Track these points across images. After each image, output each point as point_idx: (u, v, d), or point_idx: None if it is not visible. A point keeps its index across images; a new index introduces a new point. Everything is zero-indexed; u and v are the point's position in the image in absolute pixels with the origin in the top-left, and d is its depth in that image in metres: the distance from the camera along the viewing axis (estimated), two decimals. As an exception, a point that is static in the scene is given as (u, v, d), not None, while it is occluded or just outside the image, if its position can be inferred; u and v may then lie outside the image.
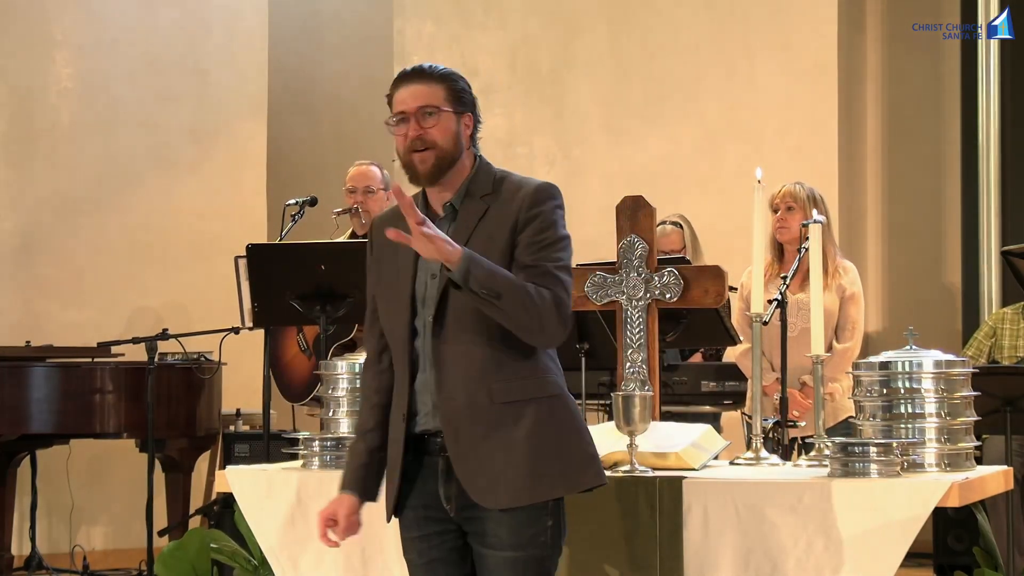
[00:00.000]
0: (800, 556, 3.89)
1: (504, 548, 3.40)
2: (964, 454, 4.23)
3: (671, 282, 4.59)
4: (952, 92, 8.84)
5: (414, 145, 3.47)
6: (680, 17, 8.95)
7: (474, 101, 3.55)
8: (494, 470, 3.39)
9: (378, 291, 3.59)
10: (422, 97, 3.48)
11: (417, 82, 3.50)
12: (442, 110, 3.47)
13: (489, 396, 3.40)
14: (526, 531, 3.40)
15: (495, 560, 3.42)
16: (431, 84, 3.49)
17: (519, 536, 3.40)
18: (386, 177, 7.05)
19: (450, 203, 3.49)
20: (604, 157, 8.96)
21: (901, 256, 8.98)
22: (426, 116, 3.47)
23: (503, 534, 3.40)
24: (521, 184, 3.49)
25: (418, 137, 3.46)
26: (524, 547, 3.41)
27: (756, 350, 4.59)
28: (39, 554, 7.96)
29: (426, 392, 3.46)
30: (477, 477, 3.40)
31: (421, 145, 3.46)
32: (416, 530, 3.53)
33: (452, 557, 3.50)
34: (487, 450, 3.39)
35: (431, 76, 3.50)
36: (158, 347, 7.32)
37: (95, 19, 8.81)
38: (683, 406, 6.71)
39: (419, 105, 3.47)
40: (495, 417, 3.40)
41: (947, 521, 6.97)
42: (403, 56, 9.51)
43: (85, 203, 8.71)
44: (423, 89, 3.49)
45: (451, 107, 3.48)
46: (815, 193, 6.15)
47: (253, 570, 5.42)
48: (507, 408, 3.40)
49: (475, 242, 3.40)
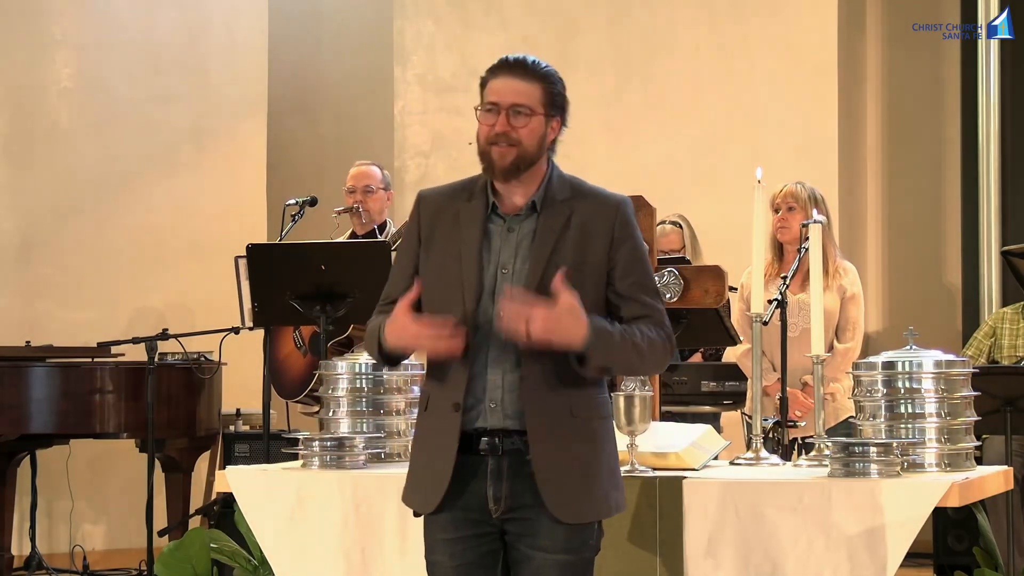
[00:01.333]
0: (800, 556, 3.89)
1: (557, 552, 3.40)
2: (964, 454, 4.23)
3: (671, 282, 4.59)
4: (952, 92, 8.84)
5: (497, 139, 3.41)
6: (680, 17, 8.95)
7: (565, 106, 3.50)
8: (572, 484, 3.39)
9: (427, 271, 3.49)
10: (518, 94, 3.43)
11: (517, 76, 3.44)
12: (535, 112, 3.43)
13: (569, 408, 3.40)
14: (579, 536, 3.42)
15: (546, 562, 3.40)
16: (531, 82, 3.44)
17: (572, 541, 3.40)
18: (386, 177, 7.06)
19: (532, 200, 3.45)
20: (604, 157, 8.96)
21: (901, 256, 8.98)
22: (517, 114, 3.42)
23: (558, 538, 3.39)
24: (601, 194, 3.50)
25: (504, 133, 3.41)
26: (578, 551, 3.42)
27: (756, 350, 4.59)
28: (39, 554, 7.95)
29: (490, 389, 3.40)
30: (557, 488, 3.38)
31: (505, 141, 3.41)
32: (452, 532, 3.45)
33: (486, 561, 3.46)
34: (567, 462, 3.39)
35: (533, 74, 3.45)
36: (158, 347, 7.31)
37: (95, 19, 8.81)
38: (683, 406, 6.71)
39: (513, 102, 3.42)
40: (573, 430, 3.40)
41: (947, 521, 6.98)
42: (403, 56, 9.51)
43: (85, 203, 8.71)
44: (521, 86, 3.43)
45: (544, 110, 3.44)
46: (816, 193, 6.16)
47: (253, 570, 5.42)
48: (584, 423, 3.42)
49: (565, 251, 3.39)
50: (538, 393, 3.38)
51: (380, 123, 9.64)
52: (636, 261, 3.45)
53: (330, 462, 4.40)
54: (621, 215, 3.45)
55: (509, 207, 3.47)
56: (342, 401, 4.65)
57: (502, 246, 3.44)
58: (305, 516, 4.31)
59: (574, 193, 3.47)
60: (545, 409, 3.38)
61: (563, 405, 3.39)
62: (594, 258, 3.41)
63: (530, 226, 3.43)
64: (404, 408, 4.65)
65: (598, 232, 3.42)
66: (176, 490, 7.72)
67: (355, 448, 4.42)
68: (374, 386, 4.63)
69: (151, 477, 7.19)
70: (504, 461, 3.41)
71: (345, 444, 4.42)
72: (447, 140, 9.19)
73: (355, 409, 4.63)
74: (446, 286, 3.44)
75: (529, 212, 3.45)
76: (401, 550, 4.17)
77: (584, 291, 3.36)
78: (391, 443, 4.61)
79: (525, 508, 3.40)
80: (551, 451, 3.38)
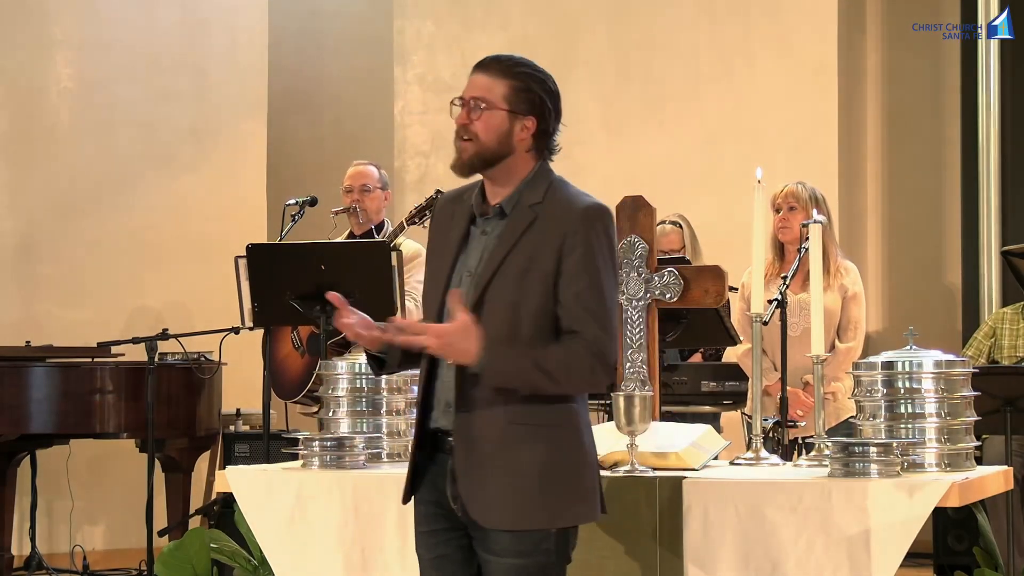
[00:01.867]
0: (800, 556, 3.89)
1: (507, 555, 3.38)
2: (964, 454, 4.23)
3: (671, 282, 4.59)
4: (952, 92, 8.84)
5: (459, 132, 3.46)
6: (680, 17, 8.95)
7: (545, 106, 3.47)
8: (496, 491, 3.36)
9: (426, 272, 3.57)
10: (478, 88, 3.44)
11: (483, 72, 3.46)
12: (493, 106, 3.43)
13: (506, 415, 3.36)
14: (529, 539, 3.38)
15: (498, 567, 3.40)
16: (495, 78, 3.45)
17: (522, 544, 3.37)
18: (383, 176, 7.05)
19: (499, 205, 3.45)
20: (604, 157, 8.96)
21: (901, 256, 8.98)
22: (476, 108, 3.43)
23: (506, 542, 3.38)
24: (572, 200, 3.43)
25: (461, 126, 3.45)
26: (528, 555, 3.38)
27: (756, 350, 4.58)
28: (39, 554, 7.95)
29: (444, 390, 3.43)
30: (479, 493, 3.37)
31: (464, 135, 3.44)
32: (425, 525, 3.51)
33: (459, 555, 3.48)
34: (492, 469, 3.36)
35: (499, 70, 3.45)
36: (158, 347, 7.31)
37: (95, 19, 8.81)
38: (683, 406, 6.71)
39: (472, 95, 3.44)
40: (507, 437, 3.36)
41: (947, 521, 6.98)
42: (403, 56, 9.51)
43: (85, 203, 8.70)
44: (484, 80, 3.45)
45: (507, 106, 3.43)
46: (817, 193, 6.16)
47: (253, 570, 5.42)
48: (521, 430, 3.36)
49: (518, 257, 3.36)
50: (475, 398, 3.37)
51: (380, 123, 9.64)
52: (582, 272, 3.34)
53: (330, 462, 4.40)
54: (579, 223, 3.37)
55: (487, 209, 3.48)
56: (342, 401, 4.65)
57: (472, 249, 3.46)
58: (305, 516, 4.31)
59: (546, 197, 3.43)
60: (478, 413, 3.37)
61: (501, 412, 3.35)
62: (543, 265, 3.36)
63: (498, 230, 3.43)
64: (404, 408, 4.65)
65: (552, 239, 3.37)
66: (176, 490, 7.72)
67: (355, 448, 4.42)
68: (374, 386, 4.63)
69: (151, 477, 7.18)
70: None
71: (345, 444, 4.42)
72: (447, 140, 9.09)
73: (355, 409, 4.64)
74: (429, 284, 3.51)
75: (498, 215, 3.45)
76: (401, 550, 4.17)
77: (525, 297, 3.35)
78: (391, 443, 4.61)
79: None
80: (476, 455, 3.37)
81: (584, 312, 3.33)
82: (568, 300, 3.34)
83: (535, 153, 3.48)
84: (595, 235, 3.37)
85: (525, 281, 3.36)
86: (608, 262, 3.39)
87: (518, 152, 3.46)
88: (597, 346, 3.33)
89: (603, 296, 3.36)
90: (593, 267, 3.35)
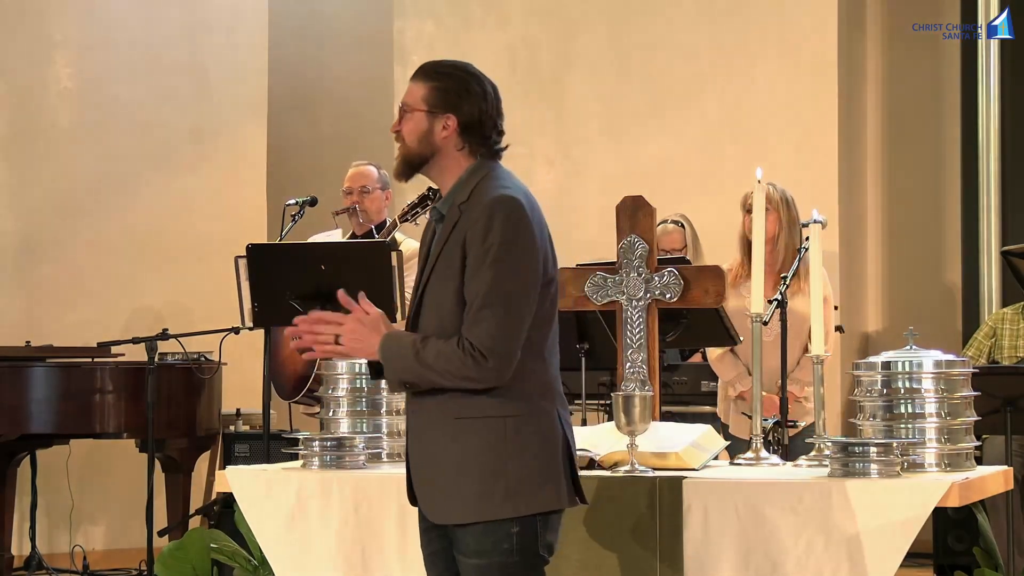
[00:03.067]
0: (800, 556, 3.89)
1: (470, 555, 3.41)
2: (964, 454, 4.23)
3: (671, 282, 4.58)
4: (952, 92, 8.84)
5: (396, 139, 3.54)
6: (680, 17, 8.95)
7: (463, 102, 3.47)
8: (444, 485, 3.40)
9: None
10: (407, 94, 3.53)
11: (413, 79, 3.54)
12: (413, 109, 3.49)
13: (449, 409, 3.40)
14: (487, 539, 3.39)
15: (465, 566, 3.43)
16: (418, 82, 3.52)
17: (481, 543, 3.39)
18: (383, 176, 7.04)
19: (437, 208, 3.51)
20: (604, 157, 8.96)
21: (901, 256, 8.98)
22: (403, 113, 3.52)
23: (468, 541, 3.41)
24: (483, 194, 3.43)
25: (394, 132, 3.53)
26: (487, 554, 3.39)
27: (757, 350, 4.58)
28: (39, 554, 7.96)
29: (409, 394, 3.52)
30: (428, 490, 3.43)
31: (397, 140, 3.53)
32: (423, 522, 3.54)
33: (450, 551, 3.49)
34: (440, 464, 3.40)
35: (423, 74, 3.52)
36: (158, 347, 7.31)
37: (95, 19, 8.81)
38: (683, 406, 6.71)
39: (402, 102, 3.53)
40: (452, 430, 3.40)
41: (947, 521, 6.97)
42: (403, 56, 9.51)
43: (85, 203, 8.71)
44: (411, 87, 3.53)
45: (426, 106, 3.47)
46: (787, 195, 6.17)
47: (253, 570, 5.42)
48: (463, 423, 3.39)
49: (444, 258, 3.42)
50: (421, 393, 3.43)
51: (380, 123, 9.60)
52: (480, 268, 3.35)
53: (330, 462, 4.40)
54: (479, 217, 3.37)
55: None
56: (342, 401, 4.65)
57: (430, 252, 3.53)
58: (305, 516, 4.31)
59: (470, 196, 3.45)
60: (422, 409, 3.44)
61: (442, 406, 3.40)
62: (453, 262, 3.41)
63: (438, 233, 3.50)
64: (404, 408, 4.64)
65: (460, 235, 3.41)
66: (176, 490, 7.71)
67: (355, 448, 4.42)
68: (374, 386, 4.63)
69: (151, 477, 7.18)
70: None
71: (345, 444, 4.42)
72: (447, 140, 9.17)
73: (355, 409, 4.64)
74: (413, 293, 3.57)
75: (438, 219, 3.51)
76: (401, 550, 4.17)
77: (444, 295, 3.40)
78: (391, 443, 4.61)
79: None
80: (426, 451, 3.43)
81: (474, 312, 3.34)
82: (468, 298, 3.38)
83: (468, 151, 3.51)
84: (495, 227, 3.36)
85: (445, 279, 3.42)
86: (508, 254, 3.36)
87: (446, 151, 3.50)
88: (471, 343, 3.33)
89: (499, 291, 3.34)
90: (490, 260, 3.35)
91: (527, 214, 3.40)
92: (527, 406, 3.41)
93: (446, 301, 3.40)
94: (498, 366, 3.33)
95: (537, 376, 3.44)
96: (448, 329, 3.38)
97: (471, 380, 3.35)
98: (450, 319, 3.39)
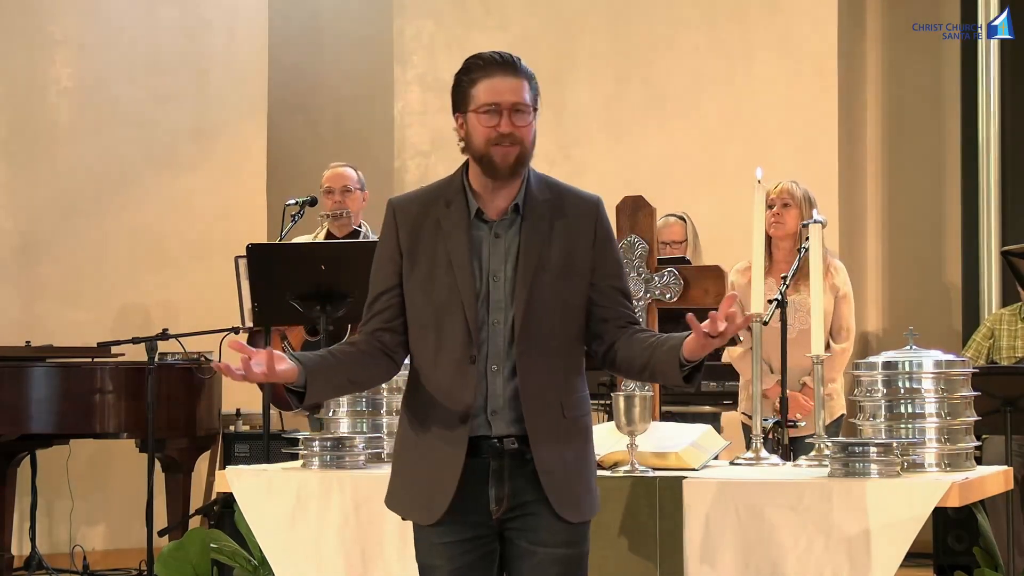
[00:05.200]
0: (800, 556, 3.89)
1: (559, 546, 3.43)
2: (964, 454, 4.23)
3: (671, 282, 4.59)
4: (952, 92, 8.84)
5: (501, 139, 3.38)
6: (680, 17, 8.95)
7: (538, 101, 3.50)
8: (573, 482, 3.45)
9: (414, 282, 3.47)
10: (516, 92, 3.38)
11: (513, 75, 3.40)
12: (530, 110, 3.41)
13: (562, 409, 3.44)
14: (579, 530, 3.47)
15: (548, 557, 3.43)
16: (523, 80, 3.41)
17: (573, 535, 3.45)
18: (361, 177, 7.09)
19: (515, 203, 3.43)
20: (604, 157, 8.96)
21: (901, 256, 8.98)
22: (519, 114, 3.38)
23: (560, 532, 3.43)
24: (578, 193, 3.52)
25: (509, 133, 3.37)
26: (577, 544, 3.47)
27: (756, 350, 4.58)
28: (39, 554, 7.95)
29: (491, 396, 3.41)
30: (560, 487, 3.43)
31: (509, 141, 3.37)
32: (450, 536, 3.45)
33: (482, 563, 3.47)
34: (566, 462, 3.44)
35: (524, 72, 3.42)
36: (158, 347, 7.31)
37: (95, 19, 8.81)
38: (683, 406, 6.71)
39: (514, 101, 3.38)
40: (567, 430, 3.45)
41: (947, 521, 6.97)
42: (403, 56, 9.51)
43: (85, 203, 8.71)
44: (519, 85, 3.39)
45: (534, 107, 3.43)
46: (809, 193, 6.17)
47: (253, 570, 5.42)
48: (574, 422, 3.47)
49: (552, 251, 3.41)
50: (535, 397, 3.41)
51: (380, 123, 9.64)
52: (616, 263, 3.52)
53: (330, 462, 4.40)
54: (601, 214, 3.51)
55: (492, 211, 3.44)
56: (342, 401, 4.65)
57: (491, 253, 3.42)
58: (305, 516, 4.31)
59: (553, 193, 3.46)
60: (542, 411, 3.42)
61: (557, 406, 3.43)
62: (579, 260, 3.44)
63: (516, 231, 3.42)
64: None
65: (581, 232, 3.44)
66: (176, 490, 7.71)
67: (355, 448, 4.42)
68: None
69: (151, 477, 7.18)
70: (505, 463, 3.43)
71: (345, 444, 4.42)
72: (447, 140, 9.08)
73: (355, 409, 4.64)
74: (439, 296, 3.42)
75: (513, 216, 3.44)
76: (401, 550, 4.17)
77: (570, 293, 3.42)
78: (391, 443, 4.60)
79: (527, 505, 3.43)
80: (551, 452, 3.42)
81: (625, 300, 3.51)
82: (609, 291, 3.48)
83: None
84: (611, 226, 3.55)
85: (566, 277, 3.42)
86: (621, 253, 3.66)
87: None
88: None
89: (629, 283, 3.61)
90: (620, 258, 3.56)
91: None
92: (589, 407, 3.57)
93: (572, 299, 3.43)
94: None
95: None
96: (569, 328, 3.44)
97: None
98: (573, 317, 3.44)
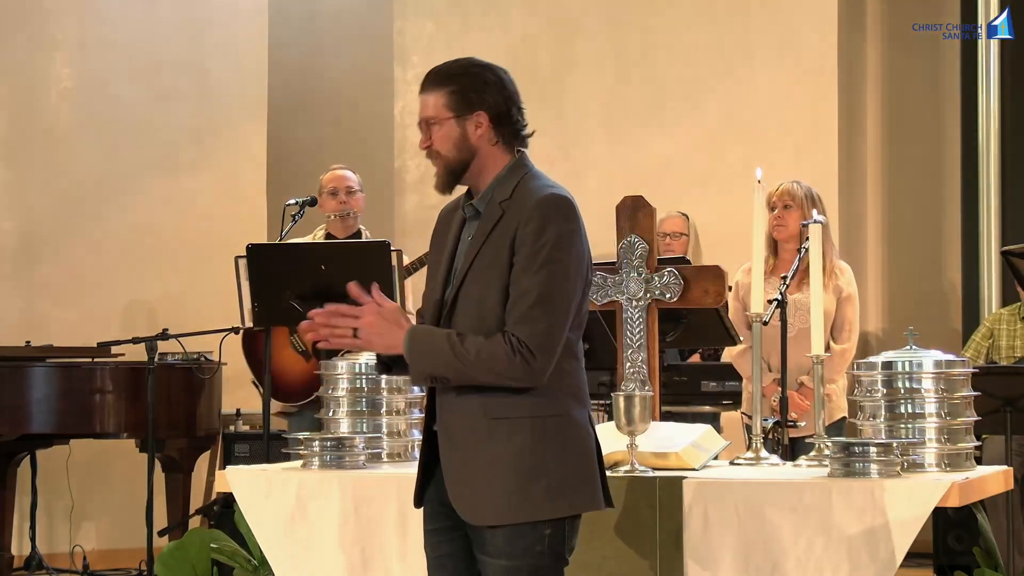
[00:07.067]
0: (800, 556, 3.89)
1: (499, 556, 3.38)
2: (964, 454, 4.23)
3: (671, 282, 4.59)
4: (952, 92, 8.84)
5: (427, 156, 3.52)
6: (680, 17, 8.95)
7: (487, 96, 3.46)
8: (479, 485, 3.37)
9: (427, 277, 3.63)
10: (425, 108, 3.49)
11: (424, 91, 3.51)
12: (442, 119, 3.45)
13: (483, 409, 3.38)
14: (520, 541, 3.38)
15: (492, 568, 3.40)
16: (433, 92, 3.48)
17: (513, 546, 3.37)
18: (359, 180, 7.13)
19: (472, 205, 3.49)
20: (604, 157, 8.96)
21: (901, 256, 8.98)
22: (430, 127, 3.49)
23: (498, 543, 3.38)
24: (532, 192, 3.42)
25: (426, 148, 3.50)
26: (519, 556, 3.37)
27: (756, 350, 4.58)
28: (39, 554, 7.96)
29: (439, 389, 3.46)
30: (463, 490, 3.39)
31: (430, 156, 3.50)
32: (430, 523, 3.53)
33: (463, 554, 3.48)
34: (475, 464, 3.38)
35: (434, 82, 3.48)
36: (158, 347, 7.31)
37: (95, 19, 8.81)
38: (683, 406, 6.71)
39: (423, 117, 3.49)
40: (486, 431, 3.38)
41: (947, 521, 6.98)
42: (403, 56, 9.51)
43: (85, 203, 8.71)
44: (427, 99, 3.49)
45: (452, 112, 3.45)
46: (813, 192, 6.16)
47: (253, 570, 5.42)
48: (499, 424, 3.37)
49: (486, 253, 3.39)
50: (452, 393, 3.41)
51: (380, 123, 9.64)
52: (530, 267, 3.34)
53: (330, 462, 4.40)
54: (531, 215, 3.37)
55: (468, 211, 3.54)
56: (342, 401, 4.65)
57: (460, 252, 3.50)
58: (305, 516, 4.31)
59: (513, 194, 3.44)
60: (456, 409, 3.40)
61: (476, 406, 3.37)
62: (501, 259, 3.38)
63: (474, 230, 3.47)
64: (404, 408, 4.65)
65: (509, 233, 3.39)
66: (176, 490, 7.71)
67: (355, 448, 4.42)
68: (374, 386, 4.64)
69: (151, 477, 7.18)
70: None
71: (345, 444, 4.42)
72: (447, 140, 9.17)
73: (355, 409, 4.64)
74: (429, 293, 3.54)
75: (474, 216, 3.49)
76: (401, 550, 4.17)
77: (487, 291, 3.38)
78: (391, 443, 4.61)
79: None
80: (459, 451, 3.40)
81: (525, 309, 3.33)
82: (514, 295, 3.36)
83: (503, 145, 3.49)
84: (547, 227, 3.36)
85: (488, 276, 3.39)
86: (562, 254, 3.36)
87: (484, 149, 3.48)
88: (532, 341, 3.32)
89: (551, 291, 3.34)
90: (539, 262, 3.35)
91: (578, 215, 3.42)
92: (564, 406, 3.42)
93: (488, 298, 3.38)
94: (543, 365, 3.33)
95: (571, 377, 3.45)
96: (488, 326, 3.36)
97: (515, 378, 3.33)
98: (491, 316, 3.37)
